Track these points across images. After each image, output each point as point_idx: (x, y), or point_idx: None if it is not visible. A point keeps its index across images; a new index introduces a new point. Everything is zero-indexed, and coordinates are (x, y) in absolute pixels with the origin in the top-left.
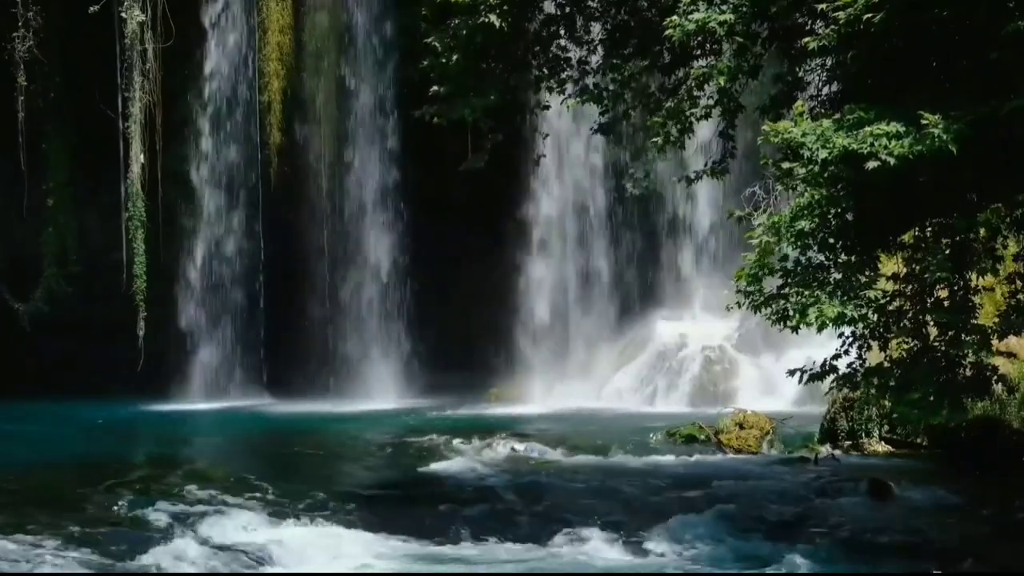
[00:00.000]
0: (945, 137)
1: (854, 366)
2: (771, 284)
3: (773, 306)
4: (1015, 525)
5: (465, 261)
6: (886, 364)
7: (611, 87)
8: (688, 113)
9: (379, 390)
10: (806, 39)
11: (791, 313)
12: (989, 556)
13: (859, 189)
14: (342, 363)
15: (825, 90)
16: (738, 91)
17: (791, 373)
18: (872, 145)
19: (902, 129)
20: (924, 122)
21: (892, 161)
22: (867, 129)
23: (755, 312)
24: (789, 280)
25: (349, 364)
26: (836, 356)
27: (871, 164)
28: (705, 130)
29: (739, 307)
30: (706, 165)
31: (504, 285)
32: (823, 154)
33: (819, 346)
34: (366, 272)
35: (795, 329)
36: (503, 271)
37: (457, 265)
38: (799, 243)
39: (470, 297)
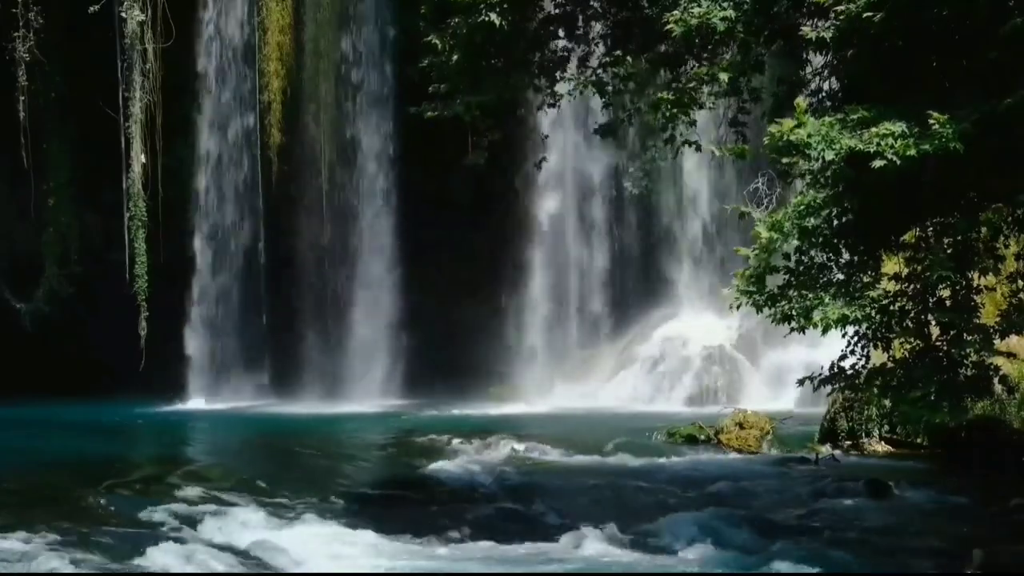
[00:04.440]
0: (949, 134)
1: (857, 367)
2: (772, 283)
3: (775, 306)
4: (1015, 525)
5: (465, 260)
6: (889, 364)
7: (611, 84)
8: (688, 105)
9: (379, 390)
10: (805, 28)
11: (794, 315)
12: (989, 556)
13: (862, 188)
14: (342, 363)
15: (826, 86)
16: (744, 86)
17: (800, 383)
18: (878, 145)
19: (907, 129)
20: (931, 122)
21: (898, 161)
22: (873, 130)
23: (757, 312)
24: (791, 280)
25: (349, 364)
26: (842, 357)
27: (877, 163)
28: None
29: (738, 308)
30: (721, 144)
31: (504, 284)
32: (829, 155)
33: (821, 345)
34: (366, 272)
35: (801, 330)
36: (503, 270)
37: (457, 264)
38: (805, 241)
39: (470, 296)
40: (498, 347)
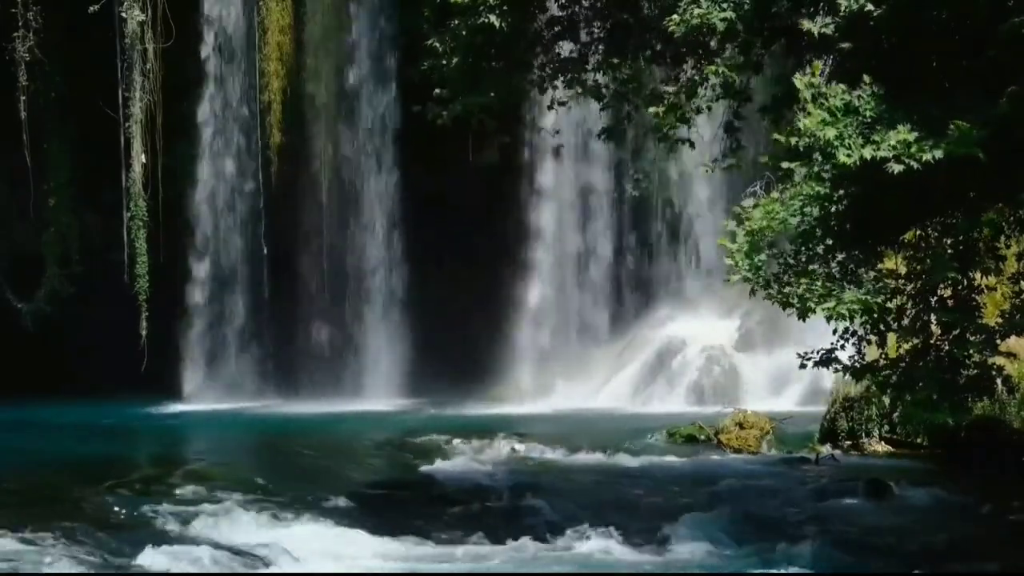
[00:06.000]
0: (969, 141)
1: (855, 360)
2: (770, 267)
3: (770, 288)
4: (1015, 525)
5: (465, 260)
6: (882, 361)
7: (611, 86)
8: (686, 107)
9: (379, 390)
10: (805, 23)
11: (797, 300)
12: (989, 556)
13: (868, 186)
14: (343, 363)
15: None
16: (741, 87)
17: (800, 355)
18: (895, 149)
19: (923, 134)
20: (951, 130)
21: (916, 165)
22: (892, 141)
23: (751, 293)
24: (789, 266)
25: (350, 364)
26: (831, 350)
27: (896, 168)
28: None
29: (730, 281)
30: (716, 160)
31: (505, 285)
32: (842, 157)
33: (821, 344)
34: (367, 272)
35: (803, 316)
36: (503, 270)
37: (457, 265)
38: (807, 227)
39: (470, 297)
40: (498, 347)
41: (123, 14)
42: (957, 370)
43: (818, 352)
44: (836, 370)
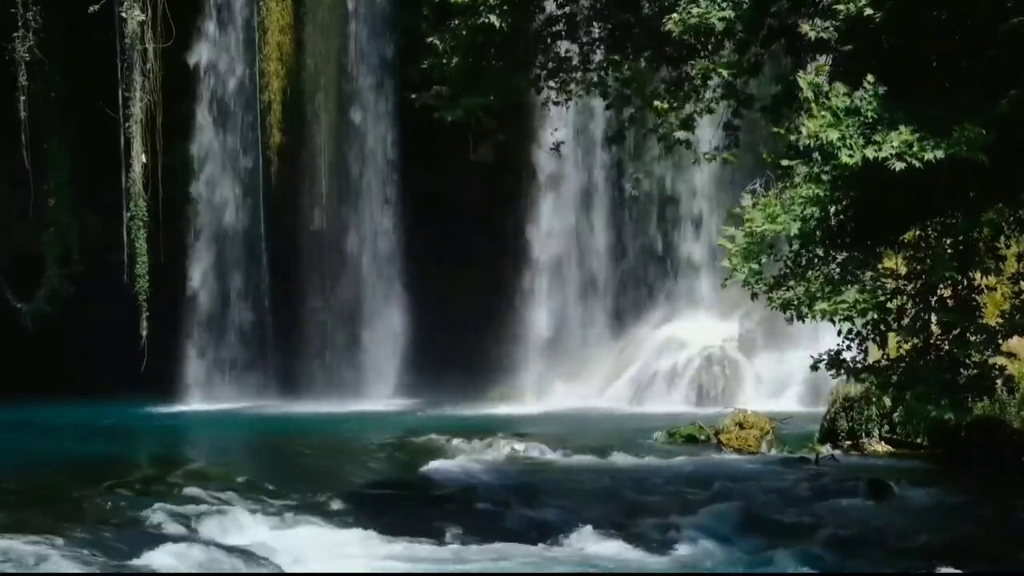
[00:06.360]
0: (975, 144)
1: (856, 360)
2: (769, 269)
3: (773, 292)
4: (1015, 525)
5: (466, 259)
6: (884, 361)
7: (612, 85)
8: (689, 110)
9: (379, 390)
10: (805, 27)
11: (796, 304)
12: (989, 556)
13: (869, 186)
14: (343, 364)
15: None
16: (741, 87)
17: (813, 357)
18: (898, 148)
19: (924, 134)
20: (955, 132)
21: (918, 164)
22: (894, 143)
23: (752, 298)
24: (790, 270)
25: (350, 365)
26: (839, 352)
27: (898, 165)
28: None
29: (727, 284)
30: (707, 153)
31: (505, 285)
32: (844, 158)
33: (821, 345)
34: (367, 273)
35: (801, 319)
36: (503, 270)
37: (457, 264)
38: (805, 229)
39: (470, 296)
40: (498, 347)
41: (123, 14)
42: (957, 370)
43: (826, 354)
44: (841, 373)
